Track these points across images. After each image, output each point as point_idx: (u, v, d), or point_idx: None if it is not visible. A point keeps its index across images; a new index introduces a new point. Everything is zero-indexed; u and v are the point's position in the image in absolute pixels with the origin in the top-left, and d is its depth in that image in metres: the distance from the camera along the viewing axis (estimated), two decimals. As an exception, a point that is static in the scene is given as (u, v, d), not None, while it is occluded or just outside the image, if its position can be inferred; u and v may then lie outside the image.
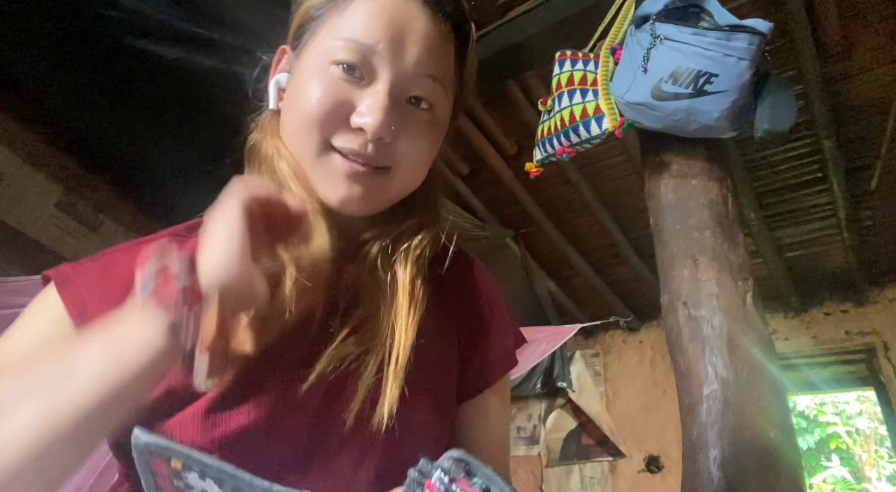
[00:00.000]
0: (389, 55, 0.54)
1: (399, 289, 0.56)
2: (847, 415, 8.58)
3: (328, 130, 0.55)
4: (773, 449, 1.15)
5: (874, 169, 2.73)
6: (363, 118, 0.53)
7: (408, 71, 0.55)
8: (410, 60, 0.55)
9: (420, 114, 0.57)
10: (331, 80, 0.54)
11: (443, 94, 0.58)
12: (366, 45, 0.53)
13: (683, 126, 1.37)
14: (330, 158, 0.55)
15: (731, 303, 1.28)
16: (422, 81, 0.56)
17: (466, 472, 0.34)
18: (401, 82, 0.55)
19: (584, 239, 3.54)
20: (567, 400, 4.08)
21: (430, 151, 0.60)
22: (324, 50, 0.55)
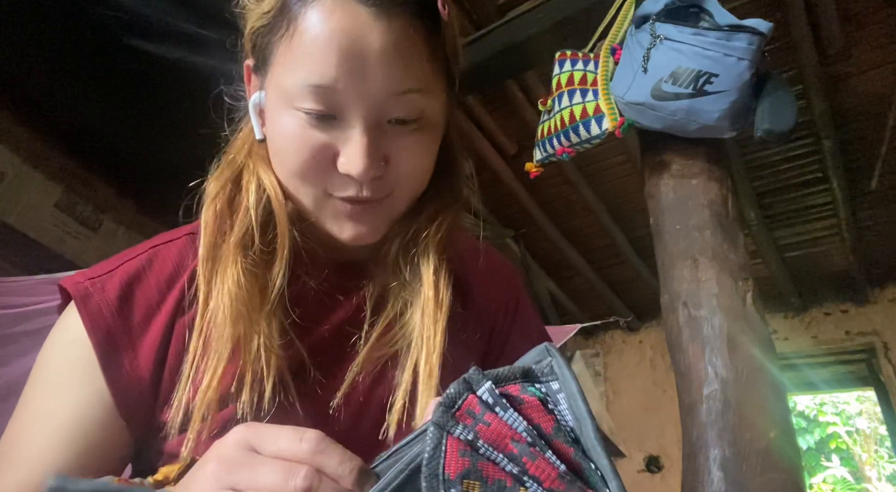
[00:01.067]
0: (354, 90, 0.48)
1: (424, 283, 0.54)
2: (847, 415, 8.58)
3: (319, 182, 0.52)
4: (773, 449, 1.15)
5: (874, 169, 2.73)
6: (348, 167, 0.50)
7: (379, 97, 0.49)
8: (378, 85, 0.49)
9: (407, 130, 0.52)
10: (303, 127, 0.50)
11: (425, 101, 0.52)
12: (325, 88, 0.48)
13: (683, 126, 1.37)
14: (330, 203, 0.53)
15: (731, 303, 1.28)
16: (398, 101, 0.50)
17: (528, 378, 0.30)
18: (375, 112, 0.50)
19: (584, 239, 3.54)
20: (567, 400, 4.08)
21: (427, 158, 0.55)
22: (286, 92, 0.50)
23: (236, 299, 0.49)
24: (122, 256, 0.56)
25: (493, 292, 0.65)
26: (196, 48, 1.82)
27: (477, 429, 0.28)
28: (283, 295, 0.53)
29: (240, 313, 0.49)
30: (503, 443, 0.28)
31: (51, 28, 1.94)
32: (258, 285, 0.52)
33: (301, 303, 0.54)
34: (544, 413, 0.29)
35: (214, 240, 0.53)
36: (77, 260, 2.55)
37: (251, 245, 0.52)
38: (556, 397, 0.30)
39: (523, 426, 0.28)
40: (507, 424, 0.28)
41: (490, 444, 0.28)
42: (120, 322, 0.51)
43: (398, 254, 0.56)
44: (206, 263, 0.52)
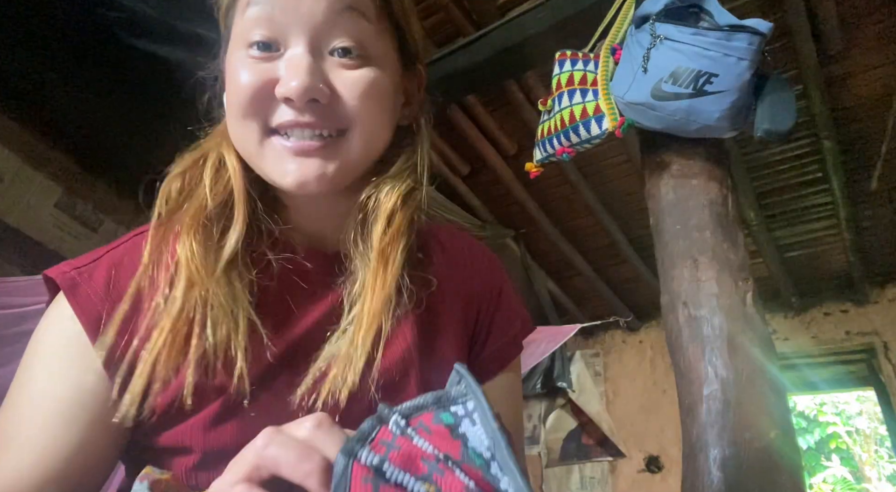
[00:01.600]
0: (293, 13, 0.49)
1: (372, 253, 0.52)
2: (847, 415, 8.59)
3: (260, 113, 0.50)
4: (773, 449, 1.15)
5: (874, 169, 2.73)
6: (285, 86, 0.48)
7: (317, 22, 0.49)
8: (316, 10, 0.49)
9: (352, 64, 0.51)
10: (250, 64, 0.50)
11: (372, 31, 0.52)
12: (266, 12, 0.49)
13: (683, 126, 1.37)
14: (272, 142, 0.51)
15: (731, 303, 1.28)
16: (339, 22, 0.50)
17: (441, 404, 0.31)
18: (316, 35, 0.50)
19: (584, 239, 3.54)
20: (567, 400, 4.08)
21: (381, 102, 0.53)
22: (238, 37, 0.52)
23: (188, 265, 0.49)
24: (107, 246, 0.56)
25: (475, 280, 0.64)
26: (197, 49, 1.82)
27: (388, 455, 0.29)
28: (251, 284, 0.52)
29: (191, 277, 0.49)
30: (414, 464, 0.29)
31: (51, 28, 1.94)
32: (213, 255, 0.51)
33: (274, 293, 0.53)
34: (450, 440, 0.30)
35: (171, 208, 0.54)
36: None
37: (208, 220, 0.52)
38: (472, 416, 0.31)
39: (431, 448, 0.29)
40: (416, 446, 0.29)
41: (400, 466, 0.28)
42: (109, 307, 0.51)
43: (354, 231, 0.54)
44: (157, 231, 0.52)
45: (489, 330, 0.63)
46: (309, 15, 0.49)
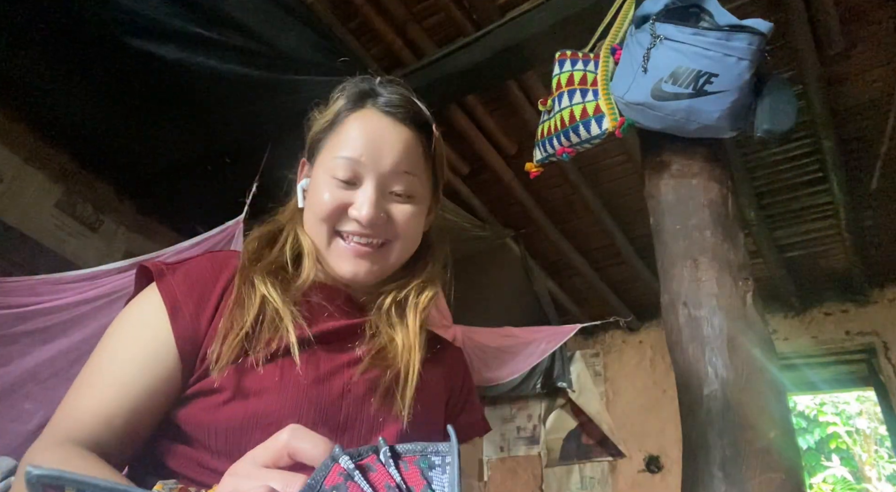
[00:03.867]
0: (371, 163, 0.73)
1: (410, 330, 0.75)
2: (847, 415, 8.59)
3: (334, 222, 0.73)
4: (773, 449, 1.15)
5: (874, 169, 2.73)
6: (357, 211, 0.72)
7: (387, 172, 0.73)
8: (387, 164, 0.73)
9: (403, 201, 0.75)
10: (333, 188, 0.73)
11: (418, 183, 0.76)
12: (353, 160, 0.73)
13: (683, 126, 1.37)
14: (337, 242, 0.74)
15: (731, 303, 1.28)
16: (399, 178, 0.74)
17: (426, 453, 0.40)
18: (383, 181, 0.73)
19: (584, 239, 3.54)
20: (567, 400, 4.08)
21: (417, 225, 0.78)
22: (326, 167, 0.74)
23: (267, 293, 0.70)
24: (190, 257, 0.76)
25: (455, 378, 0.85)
26: (196, 49, 1.82)
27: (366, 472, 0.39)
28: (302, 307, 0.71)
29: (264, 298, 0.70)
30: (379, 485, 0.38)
31: (51, 28, 1.94)
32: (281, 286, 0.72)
33: (315, 310, 0.73)
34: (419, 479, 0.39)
35: (247, 262, 0.73)
36: (77, 260, 2.55)
37: (278, 272, 0.74)
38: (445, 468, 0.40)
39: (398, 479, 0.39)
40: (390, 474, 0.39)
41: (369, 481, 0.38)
42: (184, 295, 0.68)
43: (391, 306, 0.77)
44: (240, 274, 0.72)
45: (457, 411, 0.84)
46: (382, 167, 0.73)
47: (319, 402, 0.66)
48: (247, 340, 0.66)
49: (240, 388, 0.63)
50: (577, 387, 3.93)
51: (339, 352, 0.72)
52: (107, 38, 1.84)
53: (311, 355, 0.69)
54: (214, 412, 0.62)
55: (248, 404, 0.62)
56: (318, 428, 0.58)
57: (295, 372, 0.66)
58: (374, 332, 0.75)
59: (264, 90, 1.95)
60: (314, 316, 0.72)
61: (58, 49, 2.02)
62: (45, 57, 2.06)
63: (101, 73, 2.07)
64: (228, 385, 0.63)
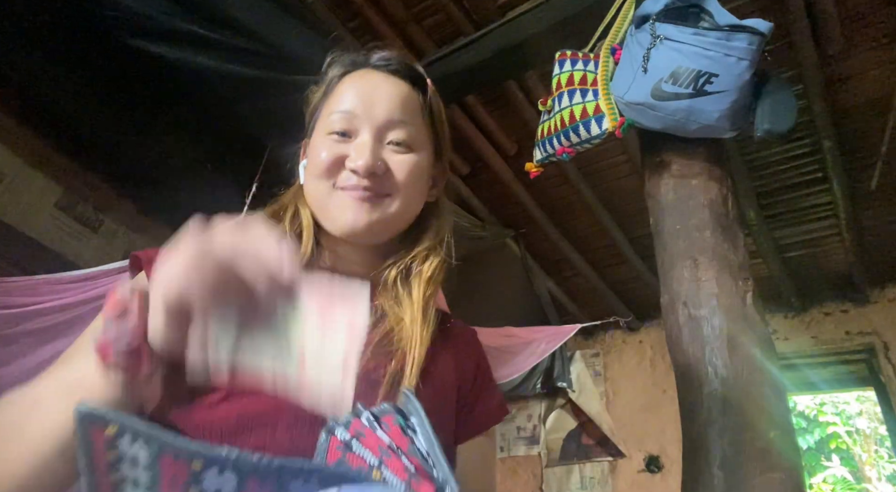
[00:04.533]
0: (365, 113, 0.72)
1: (415, 302, 0.71)
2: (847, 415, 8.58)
3: (332, 176, 0.71)
4: (773, 449, 1.15)
5: (874, 169, 2.73)
6: (354, 161, 0.70)
7: (381, 121, 0.72)
8: (382, 113, 0.72)
9: (401, 151, 0.73)
10: (330, 144, 0.72)
11: (416, 134, 0.74)
12: (348, 112, 0.72)
13: (683, 126, 1.37)
14: (337, 195, 0.71)
15: (731, 303, 1.28)
16: (396, 126, 0.73)
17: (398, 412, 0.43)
18: (379, 129, 0.72)
19: (584, 239, 3.54)
20: (567, 400, 4.08)
21: (418, 178, 0.74)
22: (323, 127, 0.74)
23: None
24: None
25: (468, 361, 0.80)
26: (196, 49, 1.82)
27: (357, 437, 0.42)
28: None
29: None
30: (373, 447, 0.41)
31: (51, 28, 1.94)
32: None
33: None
34: (402, 437, 0.42)
35: None
36: (77, 260, 2.55)
37: None
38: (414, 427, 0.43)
39: (388, 440, 0.42)
40: (378, 437, 0.42)
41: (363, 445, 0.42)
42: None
43: (395, 279, 0.74)
44: None
45: (471, 400, 0.77)
46: (377, 116, 0.72)
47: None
48: None
49: (234, 387, 0.60)
50: (577, 387, 3.93)
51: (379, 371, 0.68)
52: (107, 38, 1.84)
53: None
54: (208, 412, 0.59)
55: (243, 403, 0.59)
56: (316, 429, 0.56)
57: None
58: (381, 315, 0.71)
59: (264, 90, 1.95)
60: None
61: (58, 49, 2.02)
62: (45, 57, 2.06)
63: (101, 73, 2.07)
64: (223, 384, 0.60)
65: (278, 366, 0.44)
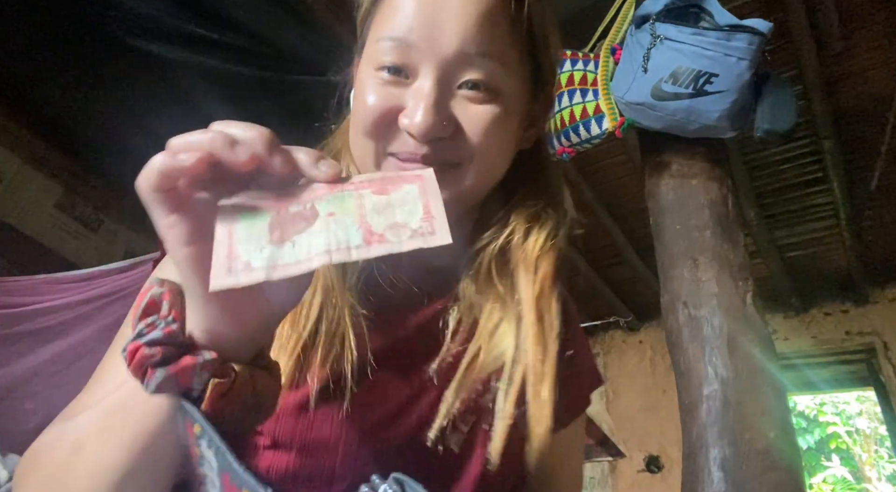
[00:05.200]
0: (426, 42, 0.48)
1: (524, 303, 0.52)
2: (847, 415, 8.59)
3: (381, 138, 0.50)
4: (773, 449, 1.15)
5: (874, 169, 2.73)
6: (410, 120, 0.48)
7: (451, 55, 0.48)
8: (452, 42, 0.48)
9: (481, 99, 0.49)
10: (378, 86, 0.50)
11: (503, 72, 0.50)
12: (400, 40, 0.48)
13: (683, 126, 1.37)
14: (388, 164, 0.51)
15: (731, 303, 1.28)
16: (472, 61, 0.48)
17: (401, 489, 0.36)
18: (446, 70, 0.48)
19: (584, 239, 3.53)
20: (567, 400, 4.08)
21: (502, 139, 0.52)
22: (370, 56, 0.51)
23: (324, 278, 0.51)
24: None
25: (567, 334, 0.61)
26: (196, 49, 1.82)
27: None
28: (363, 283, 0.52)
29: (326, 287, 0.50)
30: None
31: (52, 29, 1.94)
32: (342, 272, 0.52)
33: (383, 296, 0.53)
34: None
35: None
36: (77, 260, 2.55)
37: None
38: None
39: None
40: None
41: None
42: None
43: (491, 264, 0.53)
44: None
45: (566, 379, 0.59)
46: (443, 48, 0.48)
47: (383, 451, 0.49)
48: (303, 356, 0.48)
49: (283, 434, 0.47)
50: (577, 387, 3.92)
51: (415, 365, 0.51)
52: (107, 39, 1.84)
53: (377, 379, 0.49)
54: (252, 457, 0.47)
55: (293, 457, 0.46)
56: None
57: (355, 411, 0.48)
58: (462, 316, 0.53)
59: (264, 90, 1.95)
60: (380, 309, 0.52)
61: (58, 49, 2.02)
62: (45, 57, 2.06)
63: (101, 73, 2.07)
64: (269, 427, 0.46)
65: (333, 242, 0.34)
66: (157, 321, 0.37)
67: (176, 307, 0.38)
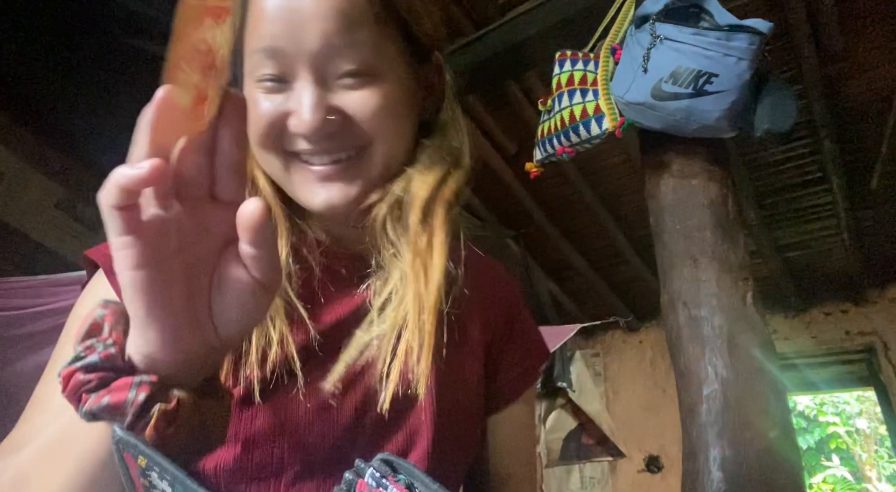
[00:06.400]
0: (293, 46, 0.49)
1: (412, 242, 0.52)
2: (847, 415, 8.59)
3: (278, 143, 0.52)
4: (773, 449, 1.15)
5: (874, 169, 2.73)
6: (297, 126, 0.50)
7: (318, 51, 0.49)
8: (315, 38, 0.49)
9: (358, 85, 0.51)
10: (262, 97, 0.51)
11: (373, 52, 0.51)
12: (269, 49, 0.50)
13: (683, 126, 1.37)
14: (296, 167, 0.53)
15: (731, 303, 1.28)
16: (340, 53, 0.50)
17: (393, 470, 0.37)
18: (319, 67, 0.50)
19: (584, 239, 3.54)
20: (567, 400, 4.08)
21: (395, 114, 0.53)
22: (249, 71, 0.52)
23: None
24: None
25: (495, 307, 0.64)
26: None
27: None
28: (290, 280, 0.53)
29: None
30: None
31: (51, 28, 1.94)
32: None
33: (311, 292, 0.54)
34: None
35: None
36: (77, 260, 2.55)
37: None
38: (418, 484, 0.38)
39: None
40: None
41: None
42: None
43: (384, 220, 0.53)
44: None
45: (500, 359, 0.63)
46: (310, 46, 0.49)
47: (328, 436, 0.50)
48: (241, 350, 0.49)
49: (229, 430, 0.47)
50: (577, 387, 3.93)
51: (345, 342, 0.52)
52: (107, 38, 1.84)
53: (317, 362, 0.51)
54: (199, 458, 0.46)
55: (239, 452, 0.47)
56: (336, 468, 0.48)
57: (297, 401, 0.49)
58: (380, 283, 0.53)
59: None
60: (312, 293, 0.53)
61: (58, 49, 2.02)
62: (45, 57, 2.06)
63: (102, 73, 2.07)
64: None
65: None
66: (96, 344, 0.35)
67: (117, 329, 0.37)
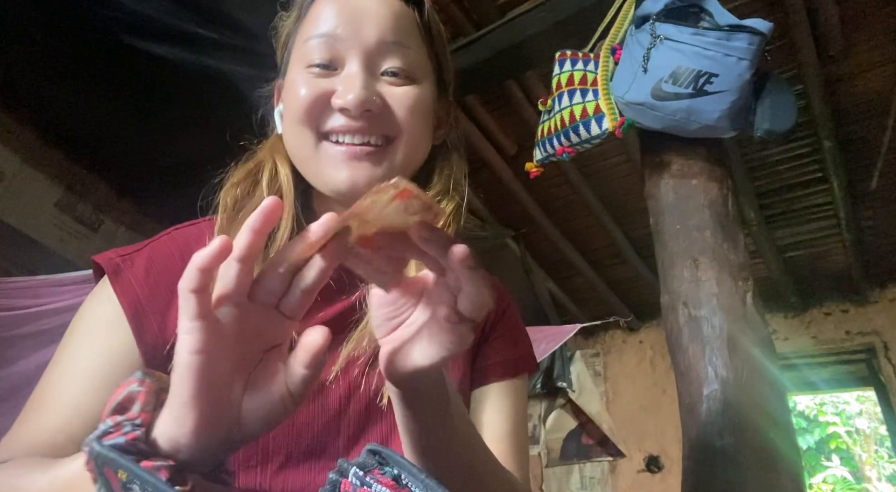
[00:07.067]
0: (351, 36, 0.57)
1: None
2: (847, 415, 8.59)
3: (316, 120, 0.57)
4: (773, 449, 1.15)
5: (874, 169, 2.73)
6: (343, 97, 0.55)
7: (372, 46, 0.58)
8: (372, 36, 0.57)
9: (401, 82, 0.59)
10: (309, 80, 0.57)
11: (416, 59, 0.60)
12: (328, 36, 0.57)
13: (683, 126, 1.36)
14: (326, 147, 0.57)
15: (731, 303, 1.28)
16: (391, 50, 0.58)
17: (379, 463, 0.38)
18: (370, 56, 0.58)
19: (584, 239, 3.54)
20: (567, 400, 4.08)
21: (423, 115, 0.61)
22: (299, 58, 0.59)
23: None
24: (151, 239, 0.62)
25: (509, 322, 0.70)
26: (195, 48, 1.82)
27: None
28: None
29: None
30: None
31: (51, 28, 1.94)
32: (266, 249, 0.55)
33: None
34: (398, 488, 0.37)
35: (229, 216, 0.57)
36: (77, 260, 2.55)
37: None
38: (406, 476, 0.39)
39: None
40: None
41: None
42: (147, 292, 0.56)
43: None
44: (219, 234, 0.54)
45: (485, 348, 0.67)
46: (366, 38, 0.57)
47: (312, 426, 0.54)
48: None
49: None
50: (577, 387, 3.93)
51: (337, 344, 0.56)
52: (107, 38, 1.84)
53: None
54: None
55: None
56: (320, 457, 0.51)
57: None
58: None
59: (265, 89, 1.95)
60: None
61: (58, 49, 2.02)
62: (45, 57, 2.06)
63: (101, 72, 2.07)
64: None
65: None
66: (125, 424, 0.36)
67: (147, 409, 0.38)
